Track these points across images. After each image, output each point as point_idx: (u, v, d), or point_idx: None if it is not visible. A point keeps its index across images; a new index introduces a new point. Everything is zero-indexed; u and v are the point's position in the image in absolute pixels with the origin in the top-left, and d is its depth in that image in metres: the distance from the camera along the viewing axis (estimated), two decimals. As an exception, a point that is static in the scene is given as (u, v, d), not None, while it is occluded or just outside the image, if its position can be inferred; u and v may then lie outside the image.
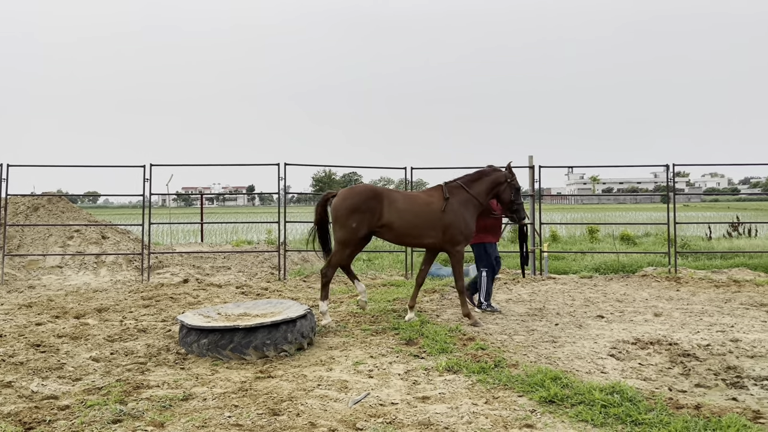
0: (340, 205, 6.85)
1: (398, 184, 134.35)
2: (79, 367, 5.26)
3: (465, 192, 7.17)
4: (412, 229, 6.96)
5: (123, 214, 45.04)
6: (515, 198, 7.36)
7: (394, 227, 6.90)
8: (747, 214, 32.93)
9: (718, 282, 10.11)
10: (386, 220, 6.85)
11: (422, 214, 6.97)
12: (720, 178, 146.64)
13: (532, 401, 4.29)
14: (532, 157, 11.86)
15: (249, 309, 6.53)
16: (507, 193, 7.33)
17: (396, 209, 6.88)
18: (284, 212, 11.66)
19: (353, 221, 6.75)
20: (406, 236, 7.05)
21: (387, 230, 6.93)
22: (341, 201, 6.88)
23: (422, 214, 6.97)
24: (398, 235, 7.00)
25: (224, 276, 11.68)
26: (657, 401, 4.19)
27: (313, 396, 4.48)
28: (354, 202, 6.80)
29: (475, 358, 5.34)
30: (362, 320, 7.17)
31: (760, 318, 7.20)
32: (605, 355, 5.59)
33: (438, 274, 11.46)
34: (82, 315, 7.61)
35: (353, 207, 6.78)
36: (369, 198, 6.82)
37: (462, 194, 7.16)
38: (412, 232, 6.98)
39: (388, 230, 6.93)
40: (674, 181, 11.87)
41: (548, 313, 7.63)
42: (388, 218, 6.85)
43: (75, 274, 11.21)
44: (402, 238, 7.09)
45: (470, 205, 7.16)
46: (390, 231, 6.94)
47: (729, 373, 5.10)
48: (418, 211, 6.97)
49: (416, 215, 6.95)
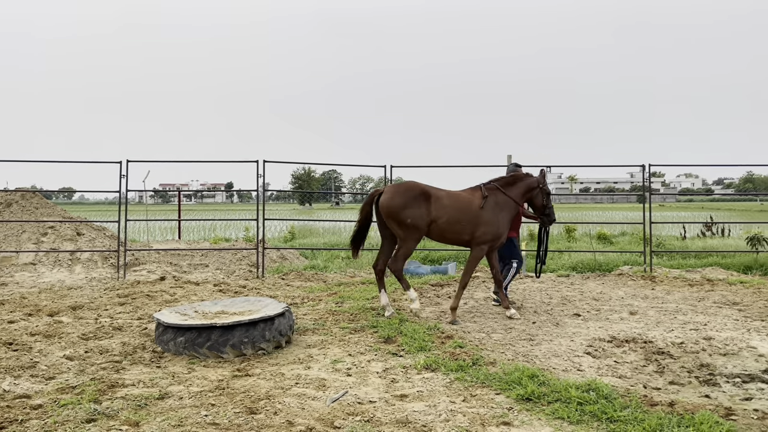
0: (390, 203, 7.01)
1: (378, 182, 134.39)
2: (52, 365, 5.18)
3: (502, 194, 7.37)
4: (455, 225, 7.13)
5: (99, 210, 44.50)
6: (546, 202, 7.63)
7: (439, 223, 7.08)
8: (720, 214, 33.52)
9: (692, 281, 10.27)
10: (433, 216, 7.04)
11: (464, 211, 7.16)
12: (695, 179, 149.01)
13: (510, 399, 4.32)
14: (511, 156, 11.92)
15: (227, 307, 6.48)
16: (539, 198, 7.59)
17: (442, 205, 7.08)
18: (263, 209, 11.60)
19: (407, 217, 6.95)
20: (449, 232, 7.20)
21: (433, 226, 7.12)
22: (390, 199, 7.04)
23: (464, 211, 7.16)
24: (442, 231, 7.17)
25: (202, 273, 11.59)
26: (632, 398, 4.24)
27: (291, 394, 4.46)
28: (404, 198, 6.99)
29: (453, 356, 5.36)
30: (341, 318, 7.15)
31: (732, 316, 7.32)
32: (582, 353, 5.65)
33: (417, 272, 11.49)
34: (55, 313, 7.49)
35: (404, 203, 6.96)
36: (417, 194, 7.03)
37: (499, 195, 7.36)
38: (455, 228, 7.15)
39: (434, 226, 7.11)
40: (650, 181, 12.03)
41: (526, 311, 7.68)
42: (435, 214, 7.04)
43: (49, 272, 11.04)
44: (444, 234, 7.23)
45: (507, 206, 7.35)
46: (435, 227, 7.12)
47: (702, 370, 5.18)
48: (460, 207, 7.16)
49: (459, 212, 7.14)
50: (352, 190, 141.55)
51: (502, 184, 7.47)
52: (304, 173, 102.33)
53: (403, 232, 7.05)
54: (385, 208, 7.04)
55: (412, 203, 6.96)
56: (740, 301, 8.34)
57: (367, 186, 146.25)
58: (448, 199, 7.17)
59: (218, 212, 49.07)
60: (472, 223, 7.14)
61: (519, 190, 7.48)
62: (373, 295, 8.70)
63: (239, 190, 16.29)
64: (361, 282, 10.42)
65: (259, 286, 9.99)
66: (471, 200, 7.25)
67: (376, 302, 8.16)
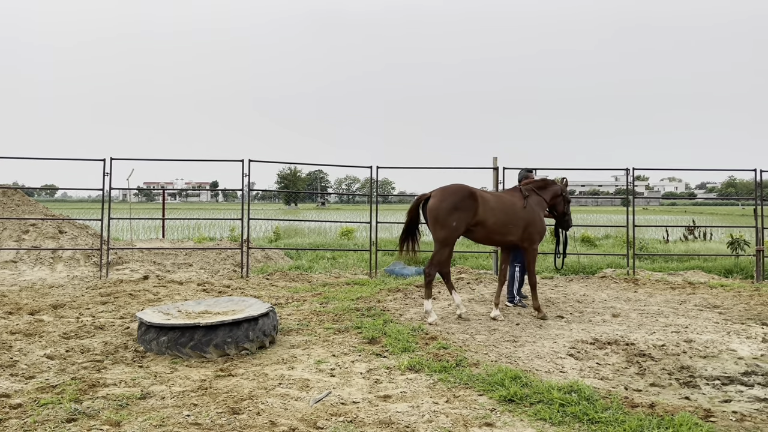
0: (439, 206, 7.02)
1: (364, 183, 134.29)
2: (32, 364, 5.12)
3: (537, 195, 7.74)
4: (501, 226, 7.30)
5: (82, 208, 44.07)
6: (566, 209, 8.14)
7: (487, 225, 7.20)
8: (703, 218, 33.88)
9: (674, 284, 10.37)
10: (480, 218, 7.12)
11: (509, 212, 7.36)
12: (678, 183, 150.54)
13: (492, 400, 4.34)
14: (497, 159, 11.98)
15: (210, 306, 6.45)
16: (561, 204, 8.08)
17: (489, 207, 7.19)
18: (248, 209, 11.55)
19: (453, 220, 6.97)
20: (495, 233, 7.34)
21: (480, 228, 7.21)
22: (440, 201, 7.04)
23: (509, 212, 7.36)
24: (488, 232, 7.29)
25: (185, 273, 11.51)
26: (613, 400, 4.28)
27: (274, 395, 4.45)
28: (454, 201, 7.00)
29: (436, 357, 5.38)
30: (325, 319, 7.15)
31: (712, 319, 7.41)
32: (564, 355, 5.69)
33: (402, 273, 11.50)
34: (36, 311, 7.41)
35: (453, 206, 6.98)
36: (466, 197, 7.05)
37: (535, 196, 7.73)
38: (501, 229, 7.31)
39: (480, 228, 7.21)
40: (634, 185, 12.13)
41: (509, 313, 7.72)
42: (482, 216, 7.12)
43: (30, 270, 10.91)
44: (491, 235, 7.36)
45: (541, 207, 7.77)
46: (482, 229, 7.22)
47: (682, 372, 5.23)
48: (505, 209, 7.35)
49: (505, 213, 7.32)
50: (338, 191, 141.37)
51: (536, 186, 7.84)
52: (290, 173, 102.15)
53: (444, 235, 7.04)
54: (434, 210, 7.04)
55: (460, 205, 7.00)
56: (721, 304, 8.44)
57: (353, 186, 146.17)
58: (494, 201, 7.33)
59: (203, 211, 48.80)
60: (519, 223, 7.38)
61: (549, 195, 7.91)
62: (357, 296, 8.69)
63: (224, 189, 16.21)
64: (346, 283, 10.41)
65: (244, 286, 9.95)
66: (514, 201, 7.50)
67: (361, 303, 8.16)
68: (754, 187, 12.21)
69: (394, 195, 45.95)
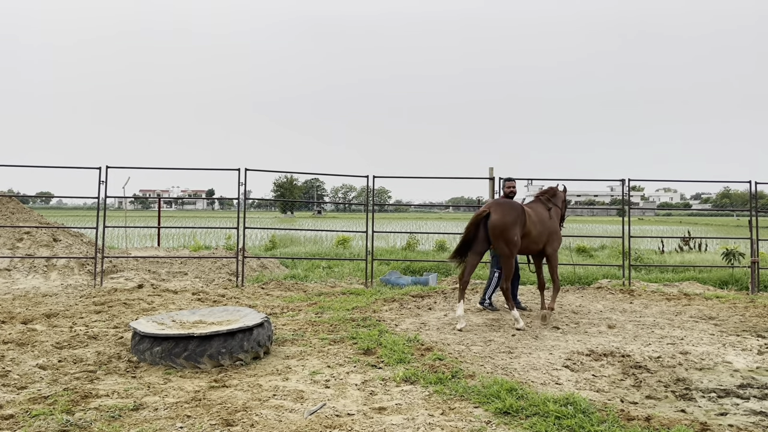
0: (503, 220, 7.36)
1: (360, 191, 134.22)
2: (24, 374, 5.08)
3: (555, 205, 8.38)
4: (538, 236, 7.83)
5: (77, 215, 43.93)
6: (565, 213, 8.80)
7: (531, 236, 7.69)
8: (698, 228, 33.97)
9: (669, 295, 10.37)
10: (527, 230, 7.61)
11: (544, 223, 7.96)
12: (673, 193, 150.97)
13: (488, 412, 4.31)
14: (493, 169, 11.99)
15: (205, 316, 6.41)
16: (564, 209, 8.72)
17: (532, 221, 7.71)
18: (244, 218, 11.53)
19: (515, 234, 7.40)
20: (533, 243, 7.84)
21: (524, 239, 7.62)
22: (503, 216, 7.37)
23: (544, 223, 7.96)
24: (529, 242, 7.75)
25: (180, 282, 11.47)
26: (609, 413, 4.26)
27: (268, 406, 4.42)
28: (515, 216, 7.43)
29: (432, 369, 5.35)
30: (320, 329, 7.12)
31: (708, 331, 7.41)
32: (560, 367, 5.67)
33: (398, 283, 11.47)
34: (29, 320, 7.36)
35: (514, 221, 7.40)
36: (521, 212, 7.53)
37: (554, 207, 8.35)
38: (538, 239, 7.85)
39: (525, 239, 7.62)
40: (629, 195, 12.16)
41: (505, 324, 7.71)
42: (528, 228, 7.62)
43: (24, 278, 10.85)
44: (530, 245, 7.83)
45: (557, 215, 8.38)
46: (526, 239, 7.65)
47: (678, 385, 5.22)
48: (541, 221, 7.93)
49: (542, 224, 7.91)
50: (334, 199, 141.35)
51: (550, 196, 8.45)
52: (286, 181, 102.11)
53: (509, 249, 7.39)
54: (500, 226, 7.32)
55: (517, 220, 7.42)
56: (716, 316, 8.44)
57: (350, 195, 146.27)
58: (534, 214, 7.83)
59: (199, 219, 48.68)
60: (547, 232, 7.96)
61: (560, 202, 8.53)
62: (353, 306, 8.67)
63: (220, 198, 16.16)
64: (342, 292, 10.39)
65: (239, 295, 9.91)
66: (544, 213, 8.09)
67: (356, 313, 8.13)
68: (749, 198, 12.25)
69: (390, 204, 45.95)
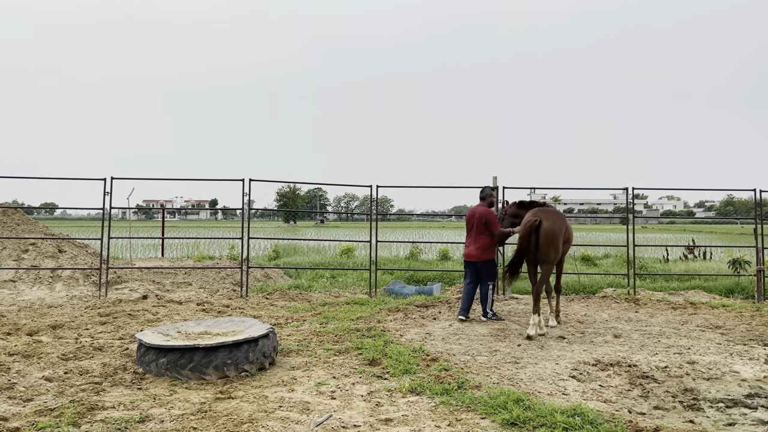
0: (554, 228, 7.68)
1: (363, 200, 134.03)
2: (30, 386, 5.08)
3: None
4: (566, 244, 8.17)
5: (81, 226, 44.05)
6: None
7: (566, 244, 8.15)
8: (702, 236, 33.90)
9: (675, 304, 10.33)
10: (565, 238, 7.98)
11: (569, 233, 8.26)
12: (677, 201, 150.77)
13: (495, 423, 4.29)
14: (496, 178, 11.99)
15: (210, 327, 6.41)
16: None
17: (567, 228, 8.10)
18: (248, 228, 11.54)
19: (561, 241, 7.78)
20: (564, 250, 8.22)
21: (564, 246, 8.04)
22: (554, 224, 7.70)
23: (569, 233, 8.26)
24: (564, 250, 8.24)
25: (185, 292, 11.47)
26: (617, 424, 4.24)
27: (274, 418, 4.40)
28: (563, 224, 7.85)
29: (438, 380, 5.33)
30: (325, 340, 7.10)
31: (715, 340, 7.37)
32: (566, 377, 5.65)
33: (402, 293, 11.46)
34: (35, 332, 7.37)
35: (562, 229, 7.78)
36: (565, 219, 7.98)
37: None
38: (565, 247, 8.17)
39: (564, 245, 8.04)
40: (633, 204, 12.14)
41: (510, 334, 7.68)
42: (566, 236, 8.03)
43: (29, 289, 10.87)
44: (563, 252, 8.19)
45: None
46: (564, 246, 8.05)
47: (686, 395, 5.19)
48: (568, 230, 8.17)
49: (568, 234, 8.20)
50: (337, 209, 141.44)
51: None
52: (289, 191, 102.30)
53: (556, 254, 7.74)
54: (553, 233, 7.63)
55: (563, 227, 7.84)
56: (723, 325, 8.40)
57: (352, 204, 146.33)
58: (568, 224, 8.19)
59: (202, 230, 48.74)
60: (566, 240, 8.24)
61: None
62: (357, 316, 8.65)
63: (224, 208, 16.22)
64: (346, 302, 10.37)
65: (243, 305, 9.90)
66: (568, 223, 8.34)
67: (361, 323, 8.12)
68: (754, 206, 12.22)
69: (393, 213, 45.95)
